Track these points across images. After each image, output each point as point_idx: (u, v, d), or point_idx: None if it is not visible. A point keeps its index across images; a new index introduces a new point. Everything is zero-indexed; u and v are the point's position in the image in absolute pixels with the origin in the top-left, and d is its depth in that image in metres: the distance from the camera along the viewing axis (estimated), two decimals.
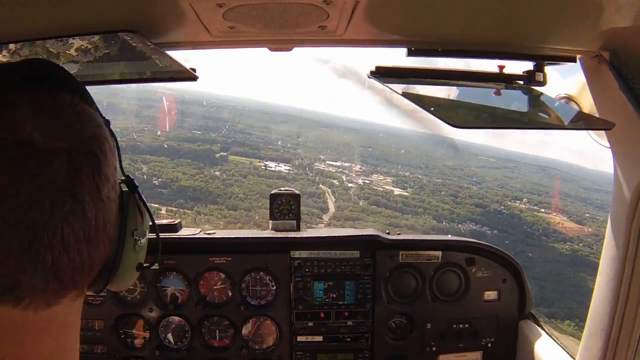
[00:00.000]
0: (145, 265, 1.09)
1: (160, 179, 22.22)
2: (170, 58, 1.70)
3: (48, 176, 0.77)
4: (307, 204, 21.63)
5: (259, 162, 26.38)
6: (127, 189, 1.04)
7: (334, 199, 23.39)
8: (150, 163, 22.73)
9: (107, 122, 1.00)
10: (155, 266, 2.79)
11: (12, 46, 1.67)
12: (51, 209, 0.77)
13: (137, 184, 1.06)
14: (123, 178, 1.06)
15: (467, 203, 22.63)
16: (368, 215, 21.54)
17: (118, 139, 1.04)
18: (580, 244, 18.43)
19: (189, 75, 1.76)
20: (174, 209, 19.90)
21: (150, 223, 1.12)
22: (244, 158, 26.37)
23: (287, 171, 26.13)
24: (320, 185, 24.49)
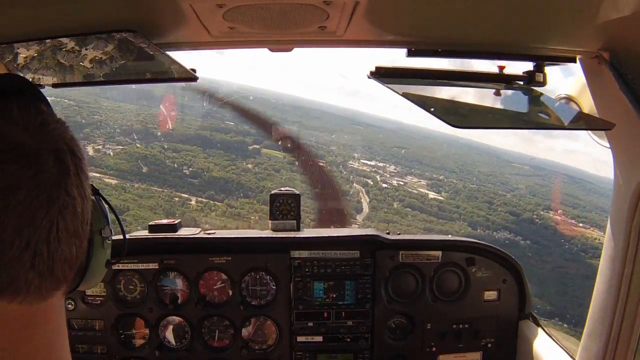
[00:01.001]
0: (112, 261, 1.16)
1: (191, 169, 21.84)
2: (170, 58, 1.70)
3: (44, 173, 0.85)
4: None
5: (292, 157, 25.46)
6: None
7: (367, 199, 22.81)
8: (181, 151, 22.32)
9: None
10: (155, 266, 2.80)
11: (12, 46, 1.67)
12: (48, 203, 0.84)
13: (97, 188, 1.14)
14: None
15: (501, 211, 22.04)
16: (402, 218, 21.15)
17: (150, 124, 1.11)
18: None
19: (189, 76, 1.76)
20: (204, 200, 19.59)
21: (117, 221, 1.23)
22: (277, 152, 25.53)
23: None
24: (354, 185, 23.83)
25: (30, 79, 1.79)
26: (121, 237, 1.38)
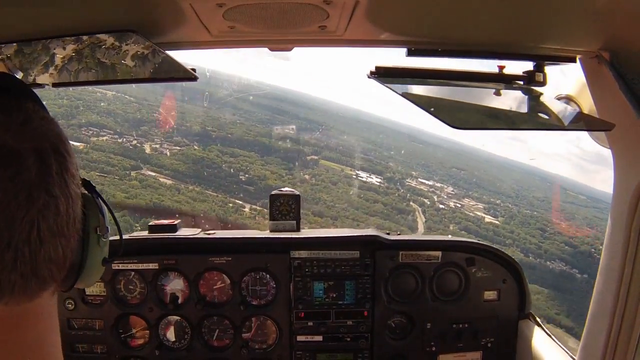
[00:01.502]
0: (109, 260, 1.14)
1: (247, 175, 21.83)
2: (170, 58, 1.70)
3: (22, 174, 0.82)
4: (395, 220, 21.23)
5: (350, 170, 25.57)
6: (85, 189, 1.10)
7: (424, 219, 22.46)
8: (239, 157, 22.24)
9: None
10: (155, 266, 2.80)
11: (12, 46, 1.67)
12: (27, 204, 0.82)
13: (93, 184, 1.12)
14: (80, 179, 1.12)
15: (556, 240, 21.16)
16: None
17: (210, 127, 1.08)
18: None
19: (189, 75, 1.76)
20: (258, 207, 19.34)
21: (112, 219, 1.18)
22: (335, 164, 25.55)
23: (378, 184, 25.03)
24: (411, 203, 23.55)
25: (28, 78, 1.78)
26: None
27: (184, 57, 1.78)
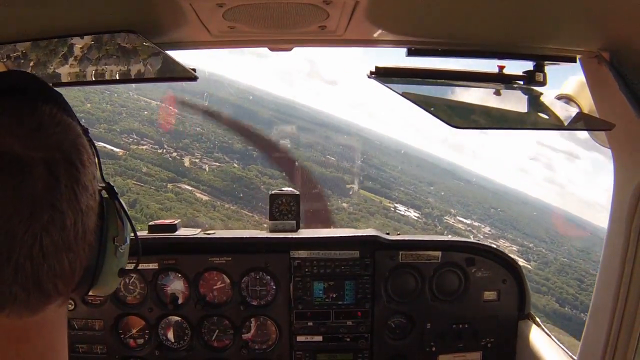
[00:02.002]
0: (127, 269, 1.11)
1: None
2: (170, 58, 1.70)
3: (27, 186, 0.78)
4: None
5: (389, 202, 25.38)
6: (107, 196, 1.06)
7: None
8: (278, 179, 21.96)
9: (86, 131, 1.02)
10: (155, 266, 2.80)
11: (12, 46, 1.67)
12: (30, 219, 0.78)
13: (116, 191, 1.07)
14: (103, 185, 1.07)
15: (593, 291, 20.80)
16: None
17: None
18: None
19: (189, 75, 1.76)
20: None
21: (131, 230, 1.14)
22: (374, 195, 25.37)
23: (415, 218, 24.93)
24: None
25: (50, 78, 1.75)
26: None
27: (185, 57, 1.79)
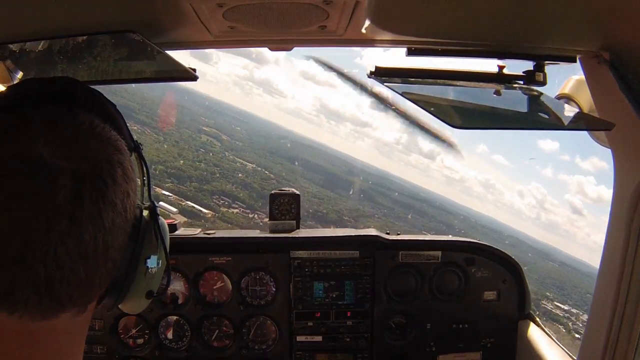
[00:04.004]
0: (155, 295, 1.09)
1: None
2: (171, 58, 1.70)
3: (49, 193, 0.78)
4: None
5: None
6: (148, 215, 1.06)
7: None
8: None
9: (136, 148, 1.02)
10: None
11: (12, 46, 1.67)
12: (47, 225, 0.78)
13: (158, 213, 1.07)
14: (148, 204, 1.08)
15: None
16: None
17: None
18: None
19: (189, 75, 1.76)
20: None
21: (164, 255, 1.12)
22: None
23: None
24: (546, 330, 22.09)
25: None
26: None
27: (183, 57, 1.78)
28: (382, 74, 1.73)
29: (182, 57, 1.74)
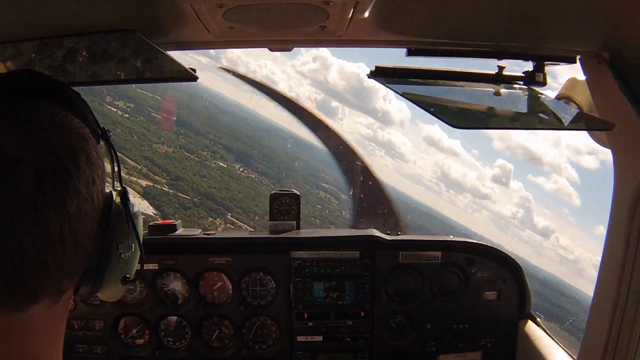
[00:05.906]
0: (129, 279, 1.08)
1: None
2: (170, 58, 1.70)
3: (12, 186, 0.77)
4: None
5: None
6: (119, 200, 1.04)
7: None
8: None
9: (103, 134, 1.00)
10: (155, 266, 2.80)
11: (12, 46, 1.67)
12: (11, 219, 0.77)
13: (128, 198, 1.05)
14: (119, 189, 1.05)
15: None
16: None
17: None
18: None
19: (189, 75, 1.76)
20: None
21: (135, 237, 1.09)
22: None
23: None
24: None
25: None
26: None
27: (184, 57, 1.78)
28: (382, 74, 1.73)
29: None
